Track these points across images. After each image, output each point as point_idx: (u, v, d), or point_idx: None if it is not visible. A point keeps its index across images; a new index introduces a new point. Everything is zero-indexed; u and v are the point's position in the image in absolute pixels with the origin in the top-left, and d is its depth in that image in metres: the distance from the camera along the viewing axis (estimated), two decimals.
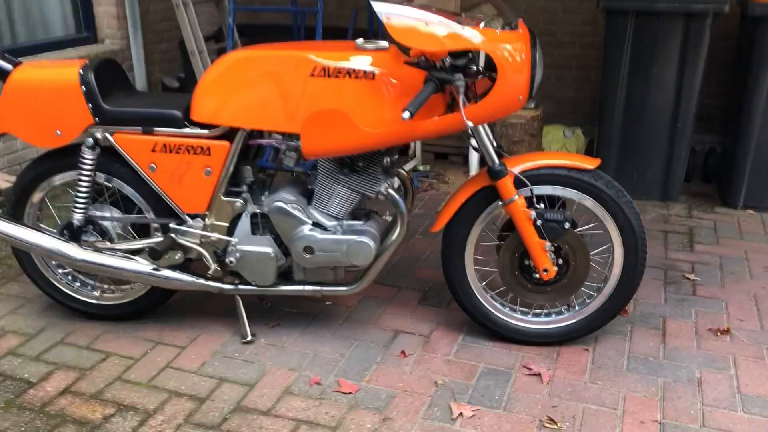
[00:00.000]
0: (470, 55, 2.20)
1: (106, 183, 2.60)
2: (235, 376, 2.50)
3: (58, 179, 2.64)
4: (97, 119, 2.44)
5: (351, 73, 2.24)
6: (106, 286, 2.82)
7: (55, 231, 2.63)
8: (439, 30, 2.13)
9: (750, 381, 2.44)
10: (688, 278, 3.18)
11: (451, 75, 2.14)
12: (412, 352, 2.62)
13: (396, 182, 2.45)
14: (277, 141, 2.42)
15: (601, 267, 2.59)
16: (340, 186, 2.41)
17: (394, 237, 2.47)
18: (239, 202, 2.49)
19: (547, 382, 2.45)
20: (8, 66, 2.49)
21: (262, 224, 2.51)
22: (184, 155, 2.43)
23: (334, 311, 2.91)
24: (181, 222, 2.54)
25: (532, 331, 2.61)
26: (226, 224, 2.52)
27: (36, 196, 2.66)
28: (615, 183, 2.42)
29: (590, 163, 2.39)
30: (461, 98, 2.15)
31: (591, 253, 2.49)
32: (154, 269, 2.56)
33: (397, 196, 2.42)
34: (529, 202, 2.41)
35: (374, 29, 4.76)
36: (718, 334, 2.73)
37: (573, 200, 2.45)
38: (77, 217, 2.57)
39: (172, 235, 2.53)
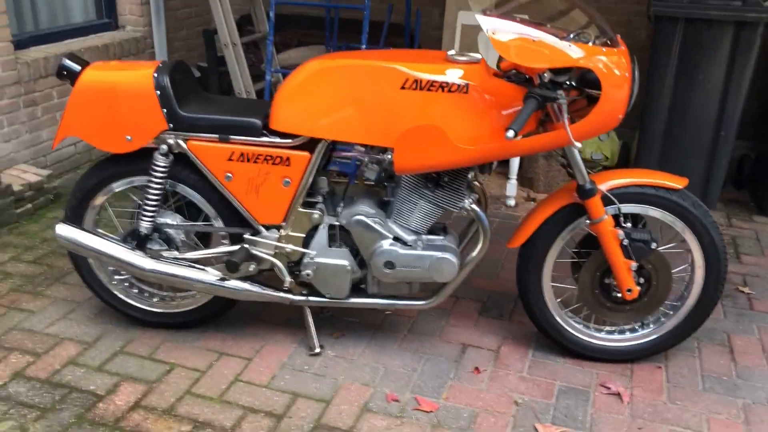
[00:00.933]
0: (571, 71, 2.14)
1: (171, 189, 2.51)
2: (309, 391, 2.44)
3: (122, 184, 2.54)
4: (171, 125, 2.34)
5: (444, 87, 2.18)
6: (165, 294, 2.74)
7: (114, 237, 2.53)
8: (545, 46, 2.06)
9: None
10: (742, 291, 3.18)
11: (553, 92, 2.08)
12: (485, 368, 2.58)
13: (476, 196, 2.40)
14: (360, 153, 2.35)
15: (677, 285, 2.56)
16: (423, 201, 2.35)
17: (475, 253, 2.42)
18: (317, 213, 2.41)
19: (627, 403, 2.42)
20: (77, 66, 2.38)
21: (338, 236, 2.44)
22: (263, 165, 2.35)
23: (396, 321, 2.86)
24: (255, 232, 2.46)
25: (606, 348, 2.59)
26: (302, 236, 2.45)
27: (97, 201, 2.56)
28: (701, 203, 2.39)
29: (678, 183, 2.35)
30: (565, 116, 2.09)
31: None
32: (223, 280, 2.47)
33: (480, 211, 2.37)
34: (615, 220, 2.37)
35: (410, 26, 4.67)
36: None
37: (657, 219, 2.41)
38: (145, 224, 2.48)
39: (246, 245, 2.44)
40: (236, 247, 2.48)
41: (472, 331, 2.82)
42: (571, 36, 2.17)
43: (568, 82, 2.15)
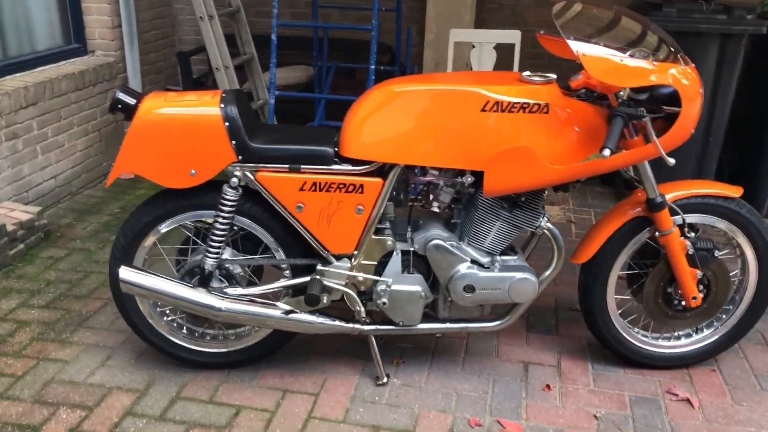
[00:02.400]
0: (651, 89, 2.19)
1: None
2: (389, 423, 2.38)
3: (175, 221, 2.41)
4: (240, 157, 2.24)
5: (525, 107, 2.19)
6: (217, 333, 2.61)
7: (167, 276, 2.40)
8: (634, 65, 2.11)
9: None
10: None
11: (637, 110, 2.12)
12: (553, 385, 2.59)
13: (549, 215, 2.41)
14: (436, 177, 2.32)
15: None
16: (500, 222, 2.35)
17: (548, 272, 2.44)
18: (390, 240, 2.37)
19: (698, 408, 2.49)
20: (132, 100, 2.25)
21: (411, 262, 2.40)
22: (335, 193, 2.28)
23: (449, 344, 2.84)
24: (325, 262, 2.39)
25: (666, 355, 2.65)
26: (374, 264, 2.40)
27: (149, 240, 2.42)
28: (755, 210, 2.49)
29: (735, 192, 2.45)
30: (653, 132, 2.14)
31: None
32: (289, 313, 2.39)
33: (555, 230, 2.38)
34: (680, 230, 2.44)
35: (412, 44, 4.67)
36: None
37: (712, 226, 2.49)
38: (210, 262, 2.36)
39: (318, 277, 2.37)
40: (301, 280, 2.40)
41: (526, 348, 2.83)
42: (630, 53, 2.21)
43: (650, 101, 2.19)
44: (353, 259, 2.38)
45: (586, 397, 2.54)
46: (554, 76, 2.27)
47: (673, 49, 2.26)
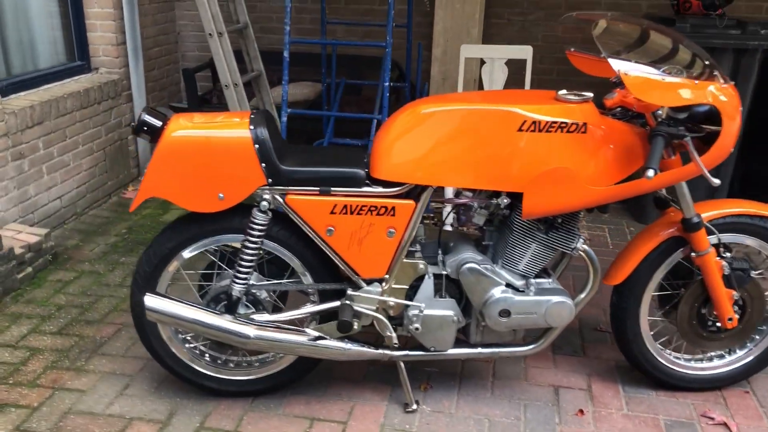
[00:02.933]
0: (691, 108, 2.15)
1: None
2: None
3: (199, 246, 2.34)
4: (270, 180, 2.18)
5: (563, 127, 2.14)
6: (240, 360, 2.54)
7: (193, 303, 2.33)
8: (675, 83, 2.06)
9: None
10: None
11: (677, 129, 2.08)
12: (586, 410, 2.53)
13: (585, 236, 2.36)
14: (470, 199, 2.27)
15: None
16: (536, 244, 2.29)
17: (584, 294, 2.39)
18: (422, 263, 2.31)
19: (737, 431, 2.43)
20: (158, 122, 2.19)
21: (443, 286, 2.34)
22: (367, 216, 2.22)
23: (475, 367, 2.78)
24: (355, 287, 2.33)
25: (699, 377, 2.60)
26: (406, 288, 2.33)
27: (172, 266, 2.35)
28: None
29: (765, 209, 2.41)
30: (695, 152, 2.10)
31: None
32: (318, 340, 2.32)
33: (591, 251, 2.33)
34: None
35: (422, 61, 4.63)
36: None
37: (746, 245, 2.45)
38: (238, 288, 2.29)
39: (348, 302, 2.30)
40: (330, 305, 2.34)
41: (554, 371, 2.77)
42: (665, 69, 2.17)
43: (689, 120, 2.15)
44: (384, 284, 2.32)
45: (620, 422, 2.48)
46: (590, 94, 2.22)
47: (708, 64, 2.22)
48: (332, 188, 2.22)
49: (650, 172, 1.98)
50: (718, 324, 2.48)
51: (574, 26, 4.93)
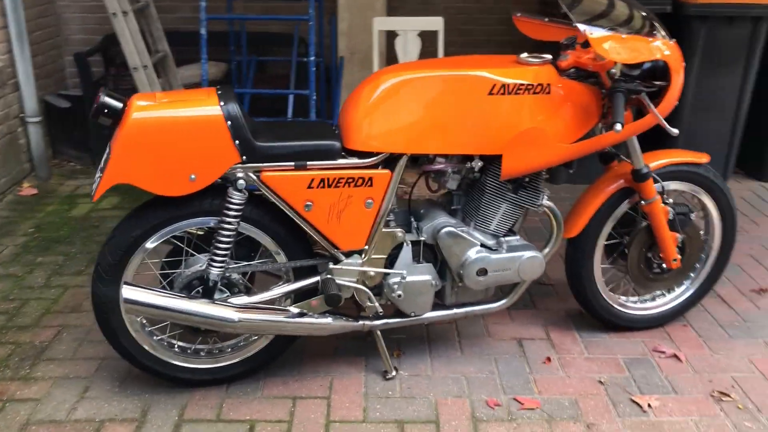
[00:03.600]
0: (642, 65, 2.29)
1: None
2: (411, 416, 2.35)
3: (166, 233, 2.22)
4: (244, 157, 2.11)
5: (529, 89, 2.22)
6: (211, 348, 2.46)
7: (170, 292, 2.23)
8: (635, 43, 2.19)
9: None
10: None
11: (636, 85, 2.22)
12: (552, 357, 2.67)
13: (548, 192, 2.47)
14: (446, 165, 2.31)
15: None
16: (506, 204, 2.37)
17: (549, 248, 2.51)
18: (400, 232, 2.33)
19: (686, 361, 2.66)
20: (118, 104, 2.05)
21: (420, 252, 2.37)
22: (344, 188, 2.21)
23: (441, 330, 2.84)
24: (334, 261, 2.31)
25: (645, 316, 2.81)
26: (384, 257, 2.34)
27: (138, 256, 2.22)
28: (718, 174, 2.68)
29: (703, 158, 2.62)
30: (651, 105, 2.24)
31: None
32: (303, 316, 2.29)
33: (554, 207, 2.45)
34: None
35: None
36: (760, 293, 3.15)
37: (681, 191, 2.66)
38: (215, 272, 2.20)
39: (330, 276, 2.28)
40: (309, 281, 2.31)
41: (513, 325, 2.89)
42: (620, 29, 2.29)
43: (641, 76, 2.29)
44: (363, 255, 2.31)
45: (585, 365, 2.63)
46: (549, 56, 2.31)
47: (648, 20, 2.36)
48: (308, 162, 2.17)
49: (618, 126, 2.10)
50: (664, 265, 2.68)
51: None
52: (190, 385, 2.43)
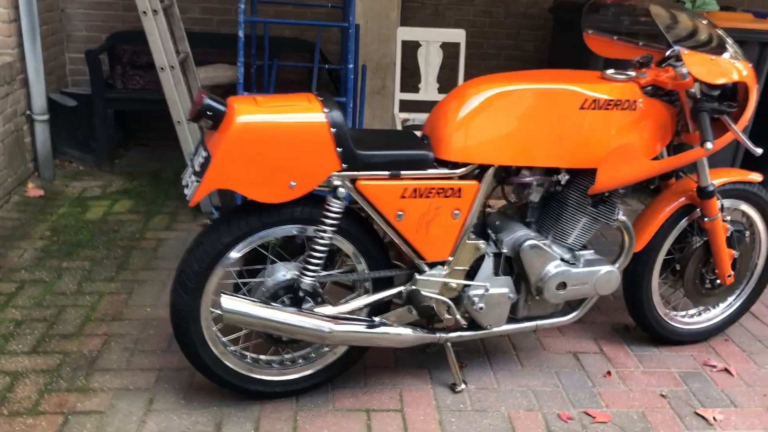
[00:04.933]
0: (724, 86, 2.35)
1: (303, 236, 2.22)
2: (488, 429, 2.35)
3: (254, 240, 2.17)
4: (345, 165, 2.08)
5: (618, 104, 2.26)
6: (283, 359, 2.40)
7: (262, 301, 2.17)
8: (721, 64, 2.25)
9: None
10: None
11: (720, 105, 2.28)
12: (610, 371, 2.71)
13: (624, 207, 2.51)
14: (532, 176, 2.32)
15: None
16: (586, 218, 2.40)
17: (620, 262, 2.54)
18: (482, 243, 2.33)
19: (737, 375, 2.74)
20: (222, 107, 1.99)
21: (501, 264, 2.38)
22: (434, 199, 2.20)
23: (493, 343, 2.84)
24: (417, 272, 2.29)
25: (693, 331, 2.88)
26: (466, 269, 2.34)
27: (221, 267, 2.16)
28: (765, 191, 2.77)
29: (757, 177, 2.71)
30: (733, 124, 2.31)
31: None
32: (385, 327, 2.27)
33: (628, 222, 2.49)
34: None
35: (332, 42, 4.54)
36: None
37: (735, 209, 2.75)
38: (308, 281, 2.16)
39: (415, 287, 2.27)
40: (390, 292, 2.29)
41: (564, 339, 2.92)
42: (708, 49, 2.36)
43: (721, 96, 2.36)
44: (446, 266, 2.30)
45: (643, 379, 2.68)
46: (633, 74, 2.35)
47: (727, 43, 2.43)
48: (402, 172, 2.15)
49: (709, 144, 2.16)
50: (718, 281, 2.75)
51: (484, 10, 5.12)
52: (261, 397, 2.37)
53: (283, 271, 2.23)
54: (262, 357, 2.37)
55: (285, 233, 2.19)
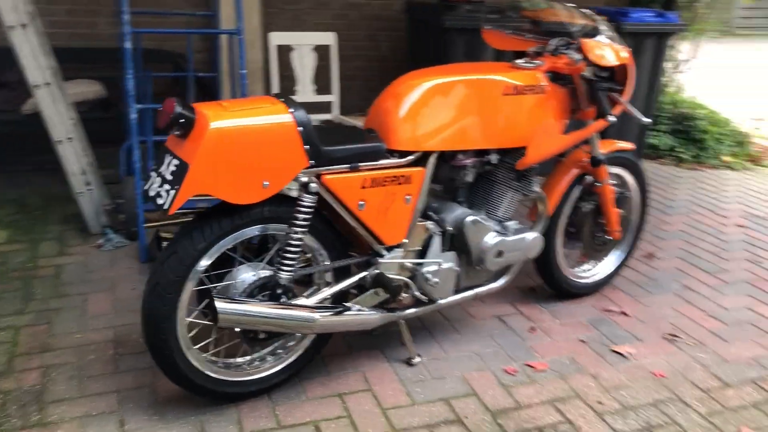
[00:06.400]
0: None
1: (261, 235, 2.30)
2: (451, 392, 2.57)
3: (228, 242, 2.21)
4: (312, 162, 2.19)
5: (532, 89, 2.58)
6: (252, 358, 2.46)
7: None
8: (612, 49, 2.64)
9: None
10: None
11: (611, 84, 2.68)
12: (534, 327, 3.05)
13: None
14: (471, 160, 2.56)
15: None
16: (512, 191, 2.70)
17: (540, 228, 2.87)
18: (430, 224, 2.54)
19: (632, 315, 3.20)
20: (192, 114, 2.02)
21: (447, 241, 2.61)
22: (389, 186, 2.37)
23: (430, 319, 3.06)
24: (377, 257, 2.46)
25: (589, 284, 3.31)
26: (419, 248, 2.54)
27: (200, 267, 2.19)
28: (638, 158, 3.26)
29: (631, 146, 3.19)
30: (623, 99, 2.71)
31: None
32: (359, 312, 2.41)
33: (543, 192, 2.83)
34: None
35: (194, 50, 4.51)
36: (649, 257, 3.84)
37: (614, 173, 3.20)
38: (285, 276, 2.24)
39: (378, 270, 2.43)
40: (355, 279, 2.43)
41: (486, 306, 3.21)
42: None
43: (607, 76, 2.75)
44: (402, 248, 2.49)
45: (562, 330, 3.04)
46: (538, 62, 2.68)
47: (607, 28, 2.82)
48: (360, 164, 2.30)
49: (612, 117, 2.54)
50: (608, 237, 3.18)
51: (340, 13, 5.33)
52: (238, 399, 2.40)
53: (252, 272, 2.28)
54: (237, 360, 2.40)
55: (255, 233, 2.24)
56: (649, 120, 2.85)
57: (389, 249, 2.47)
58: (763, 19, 19.05)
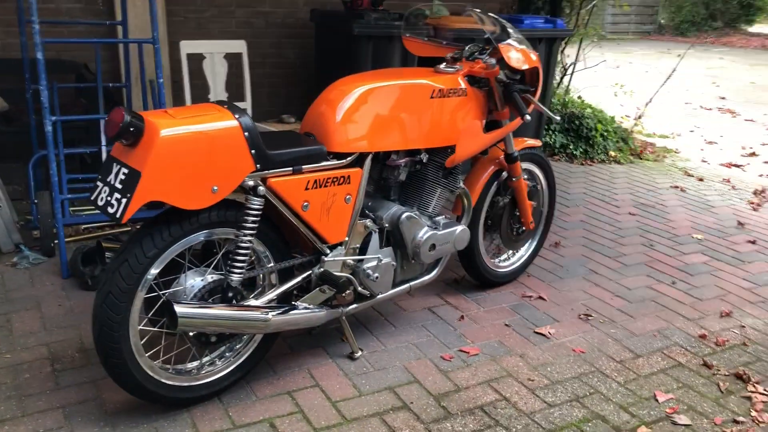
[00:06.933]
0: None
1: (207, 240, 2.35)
2: (395, 381, 2.70)
3: (175, 249, 2.25)
4: (258, 165, 2.26)
5: (456, 92, 2.76)
6: (204, 362, 2.50)
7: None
8: (525, 53, 2.86)
9: None
10: None
11: (525, 86, 2.90)
12: (463, 315, 3.24)
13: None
14: (404, 159, 2.70)
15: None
16: (440, 188, 2.87)
17: (465, 221, 3.06)
18: (369, 221, 2.66)
19: (549, 299, 3.46)
20: (141, 123, 2.05)
21: (384, 237, 2.74)
22: (331, 187, 2.48)
23: (364, 315, 3.18)
24: (320, 256, 2.55)
25: (508, 272, 3.54)
26: (359, 246, 2.66)
27: (150, 275, 2.21)
28: (544, 154, 3.54)
29: (537, 143, 3.45)
30: (535, 100, 2.94)
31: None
32: (288, 311, 2.49)
33: (467, 188, 3.02)
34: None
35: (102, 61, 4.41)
36: (557, 246, 4.15)
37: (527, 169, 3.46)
38: (236, 278, 2.29)
39: (323, 268, 2.53)
40: (302, 278, 2.52)
41: (415, 299, 3.37)
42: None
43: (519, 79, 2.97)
44: (344, 246, 2.60)
45: (487, 316, 3.25)
46: (459, 67, 2.87)
47: (514, 32, 3.05)
48: (303, 166, 2.40)
49: (528, 117, 2.76)
50: (523, 228, 3.43)
51: (245, 21, 5.35)
52: (190, 403, 2.43)
53: (200, 276, 2.32)
54: (187, 365, 2.42)
55: (202, 239, 2.28)
56: (559, 118, 3.11)
57: (332, 248, 2.57)
58: (627, 24, 20.65)
